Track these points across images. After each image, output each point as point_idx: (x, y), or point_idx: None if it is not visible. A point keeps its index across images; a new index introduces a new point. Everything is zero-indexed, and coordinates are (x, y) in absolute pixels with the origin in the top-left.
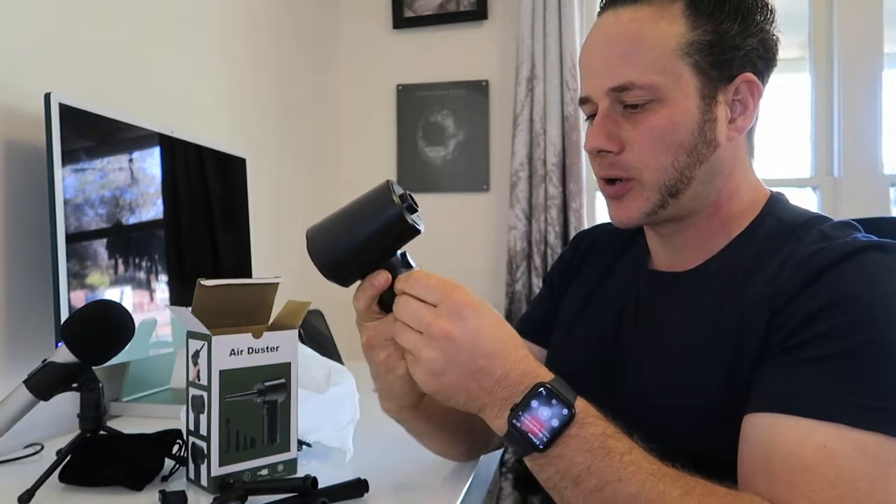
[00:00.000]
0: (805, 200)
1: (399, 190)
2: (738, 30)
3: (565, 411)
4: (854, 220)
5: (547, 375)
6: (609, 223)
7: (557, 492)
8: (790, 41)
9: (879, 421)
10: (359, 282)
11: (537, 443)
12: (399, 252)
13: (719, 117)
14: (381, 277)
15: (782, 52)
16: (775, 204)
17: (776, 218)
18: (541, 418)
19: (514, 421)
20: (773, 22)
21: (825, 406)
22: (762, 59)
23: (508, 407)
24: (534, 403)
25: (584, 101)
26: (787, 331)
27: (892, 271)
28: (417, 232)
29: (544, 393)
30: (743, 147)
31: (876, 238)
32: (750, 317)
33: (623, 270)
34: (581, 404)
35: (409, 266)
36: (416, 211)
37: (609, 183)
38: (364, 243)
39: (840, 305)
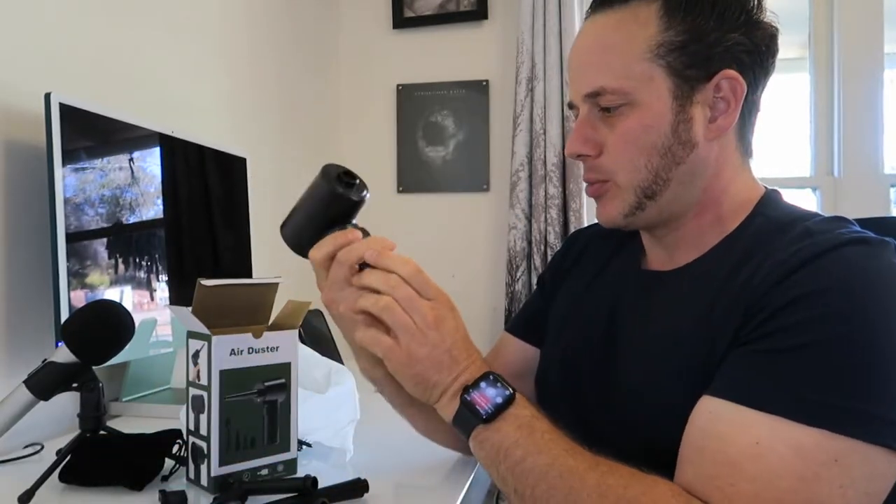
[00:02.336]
0: (805, 200)
1: (336, 171)
2: (715, 26)
3: (507, 392)
4: (853, 219)
5: (496, 370)
6: None
7: (494, 467)
8: (790, 41)
9: (823, 417)
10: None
11: (482, 413)
12: (351, 223)
13: (695, 118)
14: (350, 235)
15: (782, 52)
16: (767, 202)
17: (766, 216)
18: (487, 395)
19: (465, 396)
20: (759, 12)
21: (770, 398)
22: (749, 52)
23: (461, 389)
24: (482, 384)
25: (571, 107)
26: (754, 324)
27: (871, 265)
28: (353, 201)
29: (492, 378)
30: (732, 146)
31: (864, 232)
32: (726, 314)
33: (616, 270)
34: (519, 392)
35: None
36: (353, 185)
37: (590, 184)
38: (313, 218)
39: (808, 299)
